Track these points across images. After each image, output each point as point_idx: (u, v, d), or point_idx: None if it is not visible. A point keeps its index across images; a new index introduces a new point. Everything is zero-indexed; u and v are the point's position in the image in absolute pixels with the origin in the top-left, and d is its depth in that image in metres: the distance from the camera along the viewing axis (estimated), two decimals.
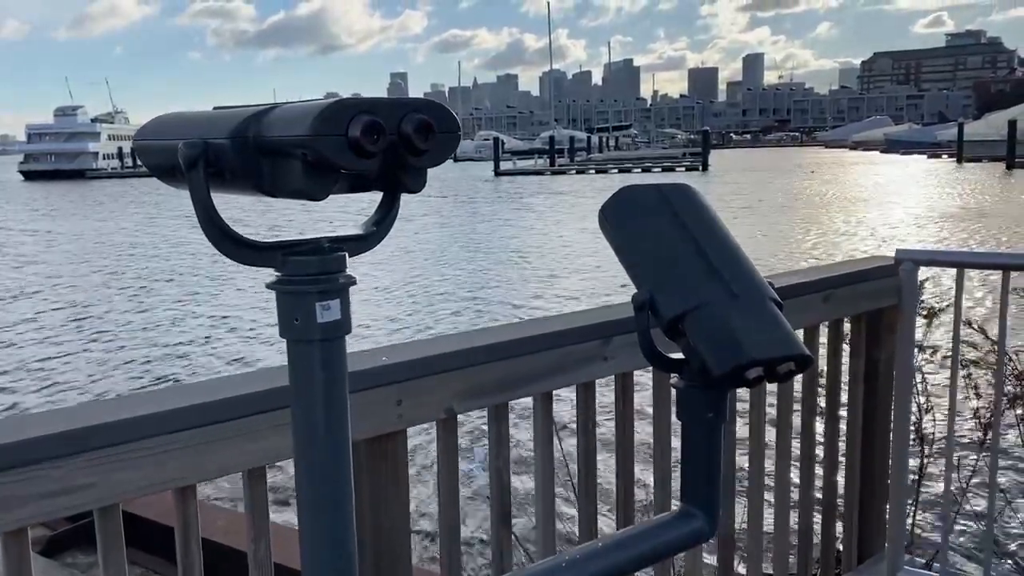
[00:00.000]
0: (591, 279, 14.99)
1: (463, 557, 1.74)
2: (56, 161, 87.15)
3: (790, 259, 16.60)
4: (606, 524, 2.06)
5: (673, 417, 1.43)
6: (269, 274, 0.77)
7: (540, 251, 19.60)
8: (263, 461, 1.38)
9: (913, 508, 3.46)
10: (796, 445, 2.46)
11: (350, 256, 0.78)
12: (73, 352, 11.01)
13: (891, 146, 76.53)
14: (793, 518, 2.50)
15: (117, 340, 11.67)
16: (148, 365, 10.25)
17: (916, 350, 2.88)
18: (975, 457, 3.67)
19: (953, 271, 2.60)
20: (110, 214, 35.88)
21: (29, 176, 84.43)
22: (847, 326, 2.63)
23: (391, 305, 13.47)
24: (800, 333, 2.34)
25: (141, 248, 22.63)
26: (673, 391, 0.83)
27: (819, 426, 2.55)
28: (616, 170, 58.32)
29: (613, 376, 1.90)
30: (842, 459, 2.66)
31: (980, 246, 17.42)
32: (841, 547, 2.73)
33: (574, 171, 60.73)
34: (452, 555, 1.69)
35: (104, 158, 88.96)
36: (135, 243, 23.97)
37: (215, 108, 0.80)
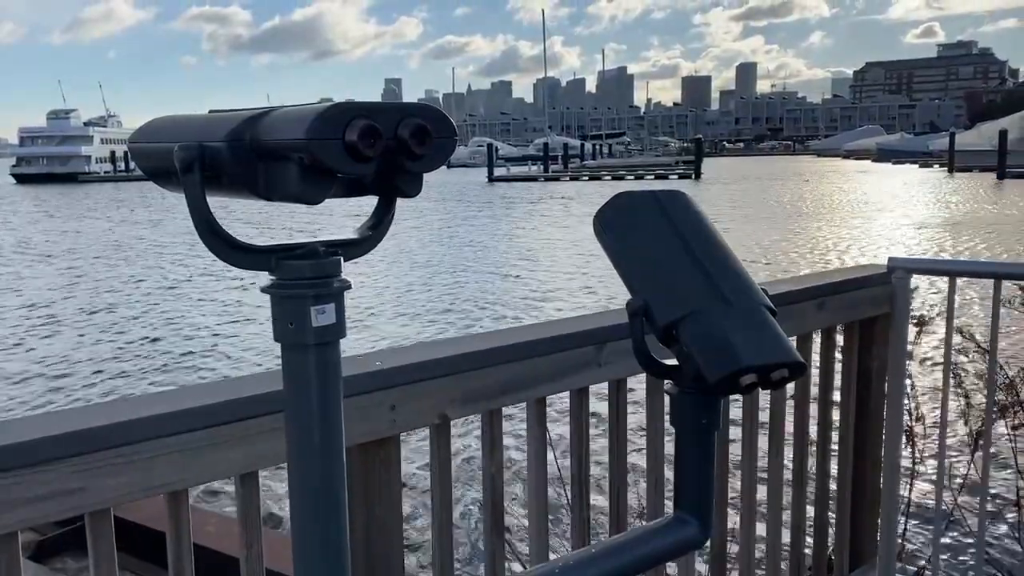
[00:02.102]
0: (585, 283, 15.01)
1: (456, 563, 1.73)
2: (48, 164, 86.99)
3: (783, 266, 16.64)
4: (599, 530, 2.06)
5: (667, 423, 1.43)
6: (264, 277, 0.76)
7: (535, 254, 19.61)
8: (256, 466, 1.37)
9: (904, 517, 3.47)
10: (788, 452, 2.47)
11: (345, 260, 0.78)
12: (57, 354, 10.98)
13: (883, 155, 76.89)
14: (785, 526, 2.50)
15: (111, 343, 11.63)
16: (138, 368, 10.22)
17: (908, 358, 2.88)
18: (966, 466, 3.68)
19: (945, 279, 2.61)
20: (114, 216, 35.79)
21: (21, 179, 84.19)
22: (840, 334, 2.63)
23: (384, 309, 13.45)
24: (793, 340, 2.35)
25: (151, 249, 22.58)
26: (667, 397, 0.83)
27: (811, 434, 2.55)
28: (609, 177, 58.46)
29: (607, 382, 1.90)
30: (834, 467, 2.66)
31: (972, 255, 17.50)
32: (832, 555, 2.74)
33: (568, 178, 60.87)
34: (445, 561, 1.68)
35: (97, 162, 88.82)
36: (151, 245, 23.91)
37: (210, 111, 0.80)
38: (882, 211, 29.21)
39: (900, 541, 3.06)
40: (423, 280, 16.47)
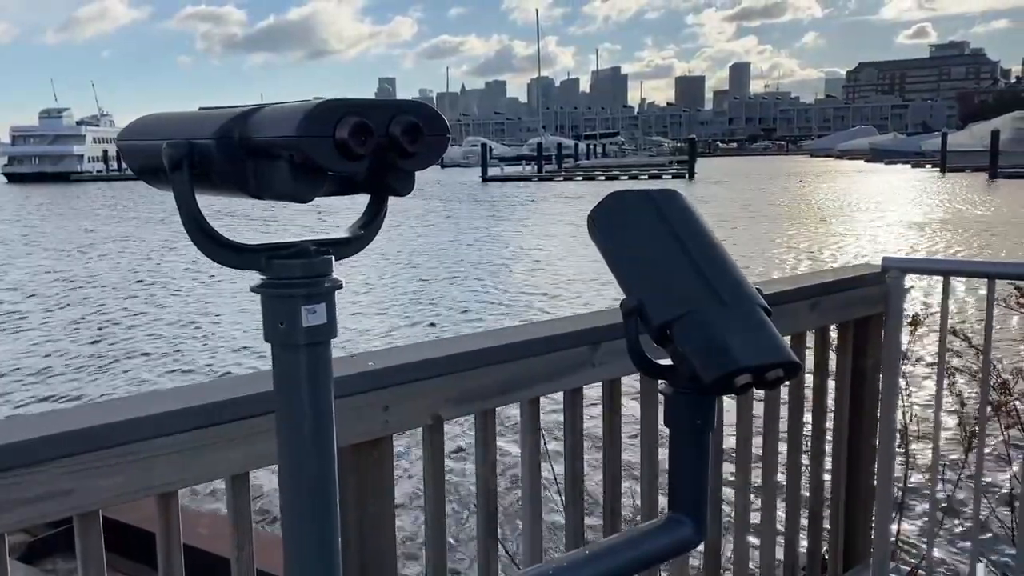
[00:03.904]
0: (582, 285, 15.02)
1: (449, 564, 1.73)
2: (40, 164, 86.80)
3: (778, 267, 16.67)
4: (593, 531, 2.05)
5: (661, 424, 1.43)
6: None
7: (525, 254, 19.61)
8: (247, 467, 1.36)
9: (898, 516, 3.47)
10: (783, 452, 2.47)
11: (336, 260, 0.77)
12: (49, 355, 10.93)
13: (876, 155, 77.07)
14: (779, 526, 2.50)
15: (103, 345, 11.58)
16: (131, 368, 10.18)
17: (902, 358, 2.88)
18: (960, 465, 3.69)
19: (939, 279, 2.61)
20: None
21: (12, 179, 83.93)
22: (834, 334, 2.63)
23: (378, 310, 13.43)
24: (787, 340, 2.34)
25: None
26: (661, 398, 0.83)
27: (805, 433, 2.55)
28: (603, 177, 58.50)
29: (601, 382, 1.90)
30: (828, 467, 2.66)
31: (965, 254, 17.57)
32: (827, 555, 2.74)
33: (562, 177, 60.90)
34: (438, 563, 1.67)
35: (89, 161, 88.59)
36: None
37: (200, 109, 0.79)
38: (876, 211, 29.29)
39: (894, 541, 3.06)
40: (403, 279, 16.44)
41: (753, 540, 2.41)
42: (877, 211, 29.25)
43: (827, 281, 2.53)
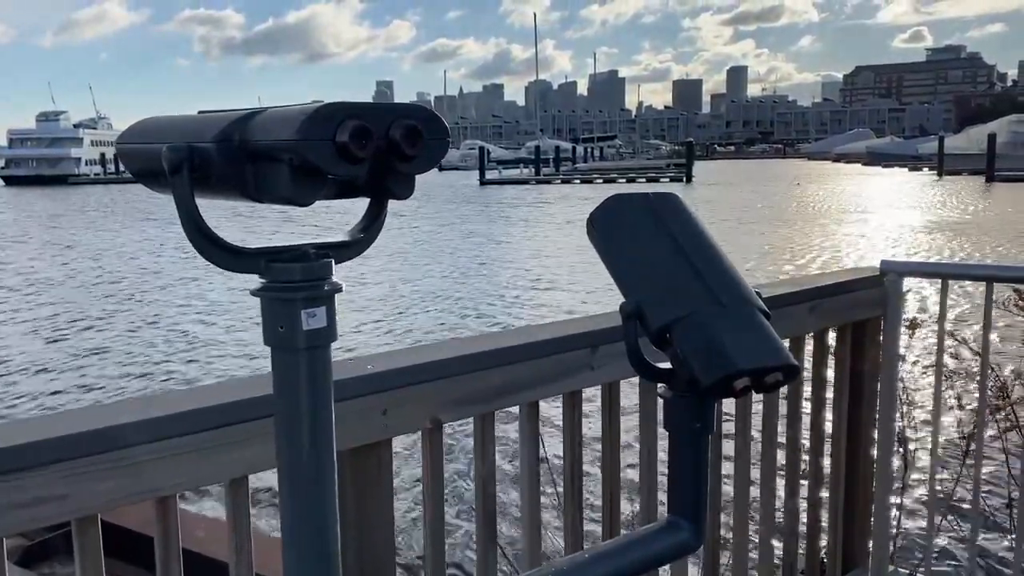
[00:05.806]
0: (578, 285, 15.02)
1: (448, 567, 1.72)
2: (38, 167, 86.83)
3: (776, 269, 16.67)
4: (592, 534, 2.05)
5: (660, 427, 1.43)
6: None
7: (528, 257, 19.61)
8: (246, 471, 1.36)
9: (897, 519, 3.47)
10: (781, 456, 2.47)
11: (336, 263, 0.77)
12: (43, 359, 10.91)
13: (873, 159, 77.30)
14: (778, 529, 2.50)
15: (96, 348, 11.57)
16: (127, 370, 10.17)
17: (900, 361, 2.89)
18: (958, 468, 3.69)
19: (937, 282, 2.61)
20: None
21: (10, 182, 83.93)
22: (832, 336, 2.64)
23: (376, 312, 13.42)
24: (786, 343, 2.34)
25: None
26: (660, 401, 0.83)
27: (804, 437, 2.55)
28: (601, 180, 58.57)
29: (600, 385, 1.90)
30: (827, 470, 2.66)
31: (964, 257, 17.59)
32: (826, 558, 2.74)
33: (559, 181, 60.99)
34: (437, 566, 1.67)
35: (87, 164, 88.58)
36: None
37: (200, 112, 0.79)
38: (873, 214, 29.32)
39: (892, 544, 3.06)
40: (401, 281, 16.43)
41: (752, 543, 2.40)
42: (875, 214, 29.28)
43: (826, 284, 2.54)
